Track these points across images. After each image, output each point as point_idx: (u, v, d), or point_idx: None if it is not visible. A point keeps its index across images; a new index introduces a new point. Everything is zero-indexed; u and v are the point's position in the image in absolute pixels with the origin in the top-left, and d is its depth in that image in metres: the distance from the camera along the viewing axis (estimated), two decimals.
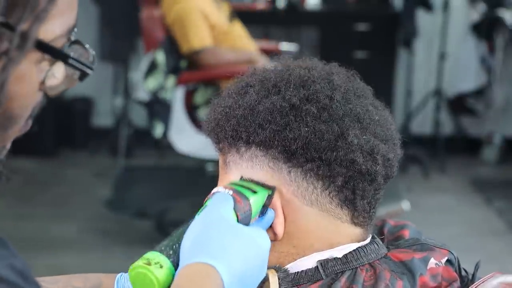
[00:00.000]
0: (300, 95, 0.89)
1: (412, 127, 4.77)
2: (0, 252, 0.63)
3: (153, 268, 0.77)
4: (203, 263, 0.75)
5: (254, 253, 0.79)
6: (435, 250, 0.92)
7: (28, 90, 0.65)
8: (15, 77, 0.62)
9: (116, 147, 4.55)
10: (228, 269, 0.75)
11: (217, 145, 0.94)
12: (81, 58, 0.68)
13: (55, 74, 0.66)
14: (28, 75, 0.64)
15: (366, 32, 4.82)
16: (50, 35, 0.64)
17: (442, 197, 4.19)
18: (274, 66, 0.96)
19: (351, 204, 0.89)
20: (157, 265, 0.78)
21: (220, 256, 0.75)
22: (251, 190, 0.86)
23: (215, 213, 0.81)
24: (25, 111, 0.66)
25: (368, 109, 0.91)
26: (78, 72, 0.68)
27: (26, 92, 0.64)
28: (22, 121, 0.66)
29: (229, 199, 0.83)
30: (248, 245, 0.79)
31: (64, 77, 0.67)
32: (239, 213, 0.82)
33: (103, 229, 3.55)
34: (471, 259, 1.00)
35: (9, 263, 0.62)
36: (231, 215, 0.81)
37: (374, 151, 0.88)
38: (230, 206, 0.82)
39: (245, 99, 0.91)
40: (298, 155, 0.87)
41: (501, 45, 4.59)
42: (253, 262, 0.78)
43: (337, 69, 0.95)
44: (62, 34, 0.65)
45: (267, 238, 0.82)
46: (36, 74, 0.65)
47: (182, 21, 3.20)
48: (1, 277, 0.60)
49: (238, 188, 0.85)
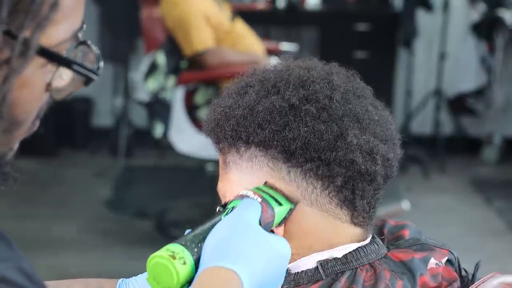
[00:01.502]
0: (300, 95, 0.89)
1: (412, 127, 4.77)
2: (8, 254, 0.62)
3: (176, 263, 0.76)
4: (225, 267, 0.75)
5: (275, 262, 0.79)
6: (435, 250, 0.92)
7: (32, 95, 0.64)
8: (18, 83, 0.61)
9: (116, 147, 4.55)
10: (250, 276, 0.75)
11: (217, 145, 0.94)
12: (86, 60, 0.67)
13: (62, 75, 0.66)
14: (31, 80, 0.63)
15: (366, 32, 4.82)
16: (54, 41, 0.63)
17: (442, 197, 4.19)
18: (274, 66, 0.96)
19: (351, 204, 0.89)
20: (181, 260, 0.76)
21: (243, 262, 0.75)
22: (276, 201, 0.85)
23: (242, 218, 0.80)
24: (30, 114, 0.65)
25: (368, 109, 0.91)
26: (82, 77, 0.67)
27: (30, 97, 0.64)
28: (28, 123, 0.66)
29: (257, 206, 0.83)
30: (271, 254, 0.78)
31: (70, 79, 0.67)
32: (262, 222, 0.82)
33: (103, 229, 3.55)
34: (471, 259, 1.00)
35: (17, 265, 0.62)
36: (257, 223, 0.81)
37: (374, 151, 0.88)
38: (257, 213, 0.82)
39: (244, 99, 0.91)
40: (297, 155, 0.87)
41: (501, 45, 4.59)
42: (274, 271, 0.79)
43: (336, 69, 0.95)
44: (66, 38, 0.64)
45: (289, 247, 0.82)
46: (40, 78, 0.64)
47: (183, 24, 3.20)
48: (9, 280, 0.59)
49: (266, 196, 0.85)
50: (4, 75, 0.58)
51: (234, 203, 0.84)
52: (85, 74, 0.66)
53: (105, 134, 4.80)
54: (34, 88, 0.64)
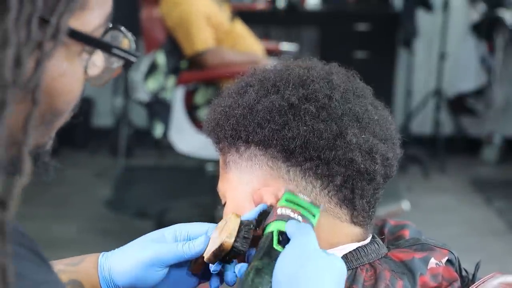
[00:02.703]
0: (299, 94, 0.89)
1: (412, 127, 4.77)
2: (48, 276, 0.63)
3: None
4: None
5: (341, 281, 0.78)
6: (435, 250, 0.92)
7: (73, 84, 0.64)
8: (58, 74, 0.61)
9: (116, 147, 4.55)
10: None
11: (217, 145, 0.94)
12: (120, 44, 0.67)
13: (96, 62, 0.66)
14: (70, 69, 0.63)
15: (366, 32, 4.82)
16: (90, 26, 0.63)
17: (442, 197, 4.19)
18: (274, 66, 0.96)
19: (350, 203, 0.89)
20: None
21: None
22: (310, 213, 0.84)
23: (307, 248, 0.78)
24: (70, 104, 0.65)
25: (367, 108, 0.91)
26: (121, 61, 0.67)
27: (70, 86, 0.63)
28: (67, 113, 0.66)
29: (310, 229, 0.81)
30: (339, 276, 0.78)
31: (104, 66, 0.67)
32: None
33: (103, 229, 3.55)
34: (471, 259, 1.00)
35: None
36: (318, 247, 0.79)
37: (373, 150, 0.88)
38: (314, 237, 0.80)
39: (244, 98, 0.91)
40: (296, 154, 0.87)
41: (501, 45, 4.59)
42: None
43: (336, 69, 0.95)
44: (101, 23, 0.64)
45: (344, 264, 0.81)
46: (79, 66, 0.64)
47: (183, 23, 3.20)
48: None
49: (303, 212, 0.83)
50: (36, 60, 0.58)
51: (277, 226, 0.82)
52: (123, 57, 0.66)
53: (105, 134, 4.80)
54: (73, 77, 0.63)
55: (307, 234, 0.80)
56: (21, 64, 0.56)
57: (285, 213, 0.83)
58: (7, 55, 0.55)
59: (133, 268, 0.89)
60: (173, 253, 0.89)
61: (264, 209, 0.87)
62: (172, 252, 0.89)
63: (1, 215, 0.54)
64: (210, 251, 0.87)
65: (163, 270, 0.90)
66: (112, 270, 0.91)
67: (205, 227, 0.92)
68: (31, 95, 0.57)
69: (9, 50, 0.55)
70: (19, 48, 0.56)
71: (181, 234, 0.92)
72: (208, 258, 0.88)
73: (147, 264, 0.89)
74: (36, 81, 0.58)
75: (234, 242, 0.85)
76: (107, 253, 0.93)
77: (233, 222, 0.86)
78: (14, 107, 0.55)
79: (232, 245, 0.85)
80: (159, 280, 0.90)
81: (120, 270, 0.90)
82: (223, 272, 0.90)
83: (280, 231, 0.81)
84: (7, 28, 0.55)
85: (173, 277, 0.92)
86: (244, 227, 0.86)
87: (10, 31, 0.55)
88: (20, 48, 0.56)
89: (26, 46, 0.56)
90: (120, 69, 0.68)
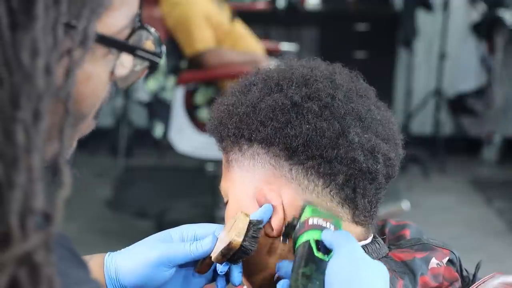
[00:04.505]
0: (302, 93, 0.89)
1: (412, 127, 4.77)
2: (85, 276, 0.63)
3: None
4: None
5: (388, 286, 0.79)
6: (436, 250, 0.92)
7: (98, 87, 0.63)
8: (83, 77, 0.60)
9: (116, 147, 4.55)
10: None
11: (220, 143, 0.94)
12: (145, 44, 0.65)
13: (124, 63, 0.64)
14: (95, 72, 0.61)
15: (366, 32, 4.82)
16: (114, 28, 0.62)
17: (442, 197, 4.19)
18: (277, 66, 0.96)
19: (352, 202, 0.89)
20: None
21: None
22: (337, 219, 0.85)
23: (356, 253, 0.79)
24: (95, 107, 0.64)
25: (370, 108, 0.91)
26: (146, 62, 0.66)
27: (95, 89, 0.62)
28: (90, 117, 0.65)
29: (351, 236, 0.81)
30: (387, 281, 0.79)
31: (132, 66, 0.65)
32: None
33: (103, 229, 3.55)
34: (471, 259, 1.00)
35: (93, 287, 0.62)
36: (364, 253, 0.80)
37: (375, 150, 0.88)
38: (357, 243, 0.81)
39: (247, 97, 0.91)
40: (299, 153, 0.87)
41: (501, 45, 4.59)
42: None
43: (340, 69, 0.95)
44: (126, 24, 0.63)
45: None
46: (104, 69, 0.62)
47: (183, 24, 3.20)
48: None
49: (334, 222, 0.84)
50: (66, 69, 0.56)
51: (313, 236, 0.82)
52: (148, 59, 0.65)
53: (105, 134, 4.79)
54: (98, 80, 0.62)
55: (352, 241, 0.80)
56: (51, 72, 0.54)
57: (318, 223, 0.83)
58: (38, 64, 0.53)
59: (139, 268, 0.88)
60: (180, 253, 0.88)
61: (289, 222, 0.86)
62: (180, 252, 0.89)
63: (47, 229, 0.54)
64: (218, 250, 0.87)
65: (170, 270, 0.89)
66: (118, 270, 0.90)
67: (212, 228, 0.92)
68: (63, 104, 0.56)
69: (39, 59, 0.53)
70: (48, 55, 0.54)
71: (188, 235, 0.92)
72: (216, 258, 0.87)
73: (154, 264, 0.88)
74: (68, 89, 0.56)
75: (242, 241, 0.85)
76: (113, 253, 0.93)
77: (242, 221, 0.86)
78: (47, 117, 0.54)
79: (241, 244, 0.85)
80: (165, 280, 0.89)
81: (127, 270, 0.89)
82: (229, 273, 0.90)
83: (316, 240, 0.81)
84: (35, 37, 0.53)
85: (180, 278, 0.91)
86: (253, 226, 0.86)
87: (38, 39, 0.53)
88: (49, 56, 0.54)
89: (54, 53, 0.55)
90: (146, 70, 0.67)
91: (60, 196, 0.55)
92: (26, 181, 0.53)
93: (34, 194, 0.53)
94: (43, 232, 0.53)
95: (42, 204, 0.53)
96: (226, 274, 0.91)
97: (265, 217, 0.88)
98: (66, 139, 0.57)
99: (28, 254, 0.52)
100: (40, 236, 0.53)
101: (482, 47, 4.75)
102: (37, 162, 0.53)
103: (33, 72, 0.53)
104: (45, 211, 0.54)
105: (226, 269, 0.90)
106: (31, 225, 0.52)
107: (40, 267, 0.53)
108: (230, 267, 0.90)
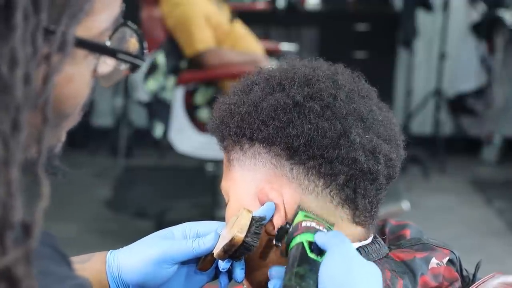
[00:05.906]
0: (304, 92, 0.89)
1: (412, 127, 4.77)
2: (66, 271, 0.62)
3: None
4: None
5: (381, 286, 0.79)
6: (436, 250, 0.92)
7: (80, 88, 0.62)
8: (65, 80, 0.59)
9: (116, 147, 4.55)
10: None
11: (221, 143, 0.94)
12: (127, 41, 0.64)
13: (107, 61, 0.64)
14: (77, 74, 0.61)
15: (366, 32, 4.82)
16: (95, 30, 0.61)
17: (442, 197, 4.19)
18: (280, 65, 0.96)
19: (352, 203, 0.89)
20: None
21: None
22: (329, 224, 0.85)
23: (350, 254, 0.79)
24: (77, 107, 0.64)
25: (372, 109, 0.91)
26: (127, 64, 0.65)
27: (77, 90, 0.62)
28: (76, 114, 0.65)
29: (345, 236, 0.82)
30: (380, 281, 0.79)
31: (115, 65, 0.65)
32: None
33: (103, 229, 3.55)
34: (471, 259, 1.00)
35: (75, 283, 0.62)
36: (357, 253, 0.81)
37: (377, 151, 0.88)
38: (351, 243, 0.81)
39: (249, 96, 0.91)
40: (300, 152, 0.87)
41: (501, 45, 4.59)
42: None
43: (342, 69, 0.95)
44: (108, 26, 0.62)
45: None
46: (85, 69, 0.62)
47: (184, 24, 3.20)
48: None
49: (326, 225, 0.84)
50: (44, 74, 0.55)
51: (306, 238, 0.82)
52: (130, 61, 0.64)
53: (105, 134, 4.80)
54: (81, 81, 0.62)
55: (345, 242, 0.80)
56: (30, 82, 0.53)
57: (311, 226, 0.83)
58: (17, 75, 0.53)
59: (142, 265, 0.88)
60: (182, 250, 0.89)
61: (282, 226, 0.86)
62: (182, 249, 0.89)
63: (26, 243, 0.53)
64: (220, 246, 0.87)
65: (172, 267, 0.89)
66: (120, 267, 0.90)
67: (214, 225, 0.92)
68: (41, 112, 0.55)
69: (18, 70, 0.53)
70: (27, 65, 0.53)
71: (190, 232, 0.92)
72: (218, 254, 0.87)
73: (156, 261, 0.88)
74: (46, 97, 0.56)
75: (245, 237, 0.85)
76: (115, 251, 0.93)
77: (244, 217, 0.86)
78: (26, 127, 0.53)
79: (243, 240, 0.85)
80: (168, 277, 0.90)
81: (129, 267, 0.89)
82: (231, 269, 0.90)
83: (309, 242, 0.82)
84: (14, 47, 0.53)
85: (182, 275, 0.91)
86: (255, 222, 0.86)
87: (17, 49, 0.53)
88: (28, 65, 0.54)
89: (33, 61, 0.54)
90: (125, 73, 0.66)
91: (39, 208, 0.54)
92: (5, 195, 0.52)
93: (13, 208, 0.52)
94: (22, 246, 0.52)
95: (21, 218, 0.52)
96: (228, 271, 0.91)
97: (268, 215, 0.88)
98: (44, 148, 0.56)
99: (7, 268, 0.52)
100: (20, 250, 0.52)
101: (482, 47, 4.75)
102: (15, 175, 0.52)
103: (12, 83, 0.52)
104: (24, 224, 0.53)
105: (228, 266, 0.90)
106: (10, 240, 0.52)
107: (20, 281, 0.52)
108: (232, 264, 0.90)
